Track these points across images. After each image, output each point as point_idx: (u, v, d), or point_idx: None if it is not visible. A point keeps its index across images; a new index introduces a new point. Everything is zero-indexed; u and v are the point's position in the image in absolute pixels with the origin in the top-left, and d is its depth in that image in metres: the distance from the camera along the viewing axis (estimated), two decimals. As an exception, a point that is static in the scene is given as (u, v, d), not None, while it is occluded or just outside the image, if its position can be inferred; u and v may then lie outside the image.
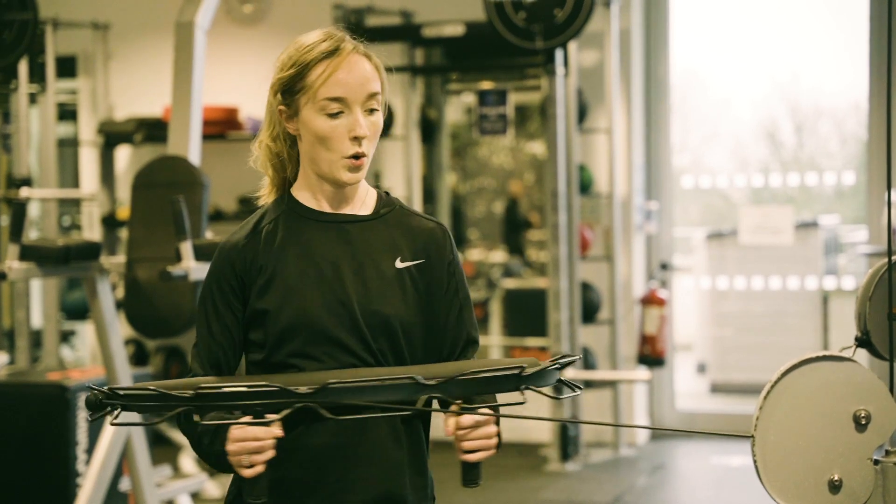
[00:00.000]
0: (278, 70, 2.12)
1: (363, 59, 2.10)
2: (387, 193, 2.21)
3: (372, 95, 2.09)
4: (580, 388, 2.04)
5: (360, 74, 2.08)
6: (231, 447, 1.93)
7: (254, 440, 1.91)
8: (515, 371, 1.98)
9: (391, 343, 2.09)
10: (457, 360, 2.15)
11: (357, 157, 2.08)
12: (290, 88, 2.10)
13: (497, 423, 2.04)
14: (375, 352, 2.08)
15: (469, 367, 2.00)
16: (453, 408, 2.00)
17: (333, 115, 2.07)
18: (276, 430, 1.92)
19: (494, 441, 2.04)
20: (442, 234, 2.17)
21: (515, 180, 8.66)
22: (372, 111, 2.10)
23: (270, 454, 1.92)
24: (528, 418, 1.94)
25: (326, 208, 2.14)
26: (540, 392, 2.03)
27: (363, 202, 2.16)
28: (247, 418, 1.92)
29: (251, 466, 1.92)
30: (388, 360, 2.09)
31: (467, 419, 1.98)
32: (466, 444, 2.01)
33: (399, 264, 2.12)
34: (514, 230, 8.42)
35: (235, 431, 1.92)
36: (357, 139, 2.08)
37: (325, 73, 2.06)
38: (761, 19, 9.41)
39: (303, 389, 1.88)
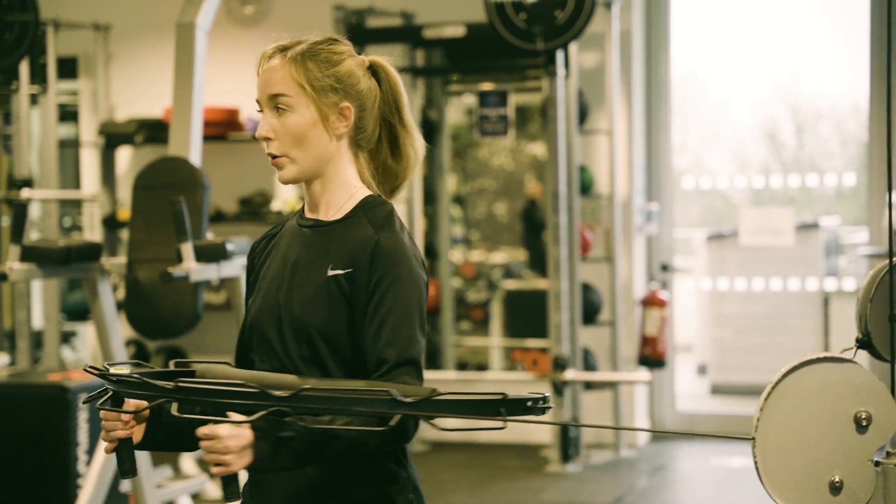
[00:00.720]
0: None
1: (279, 61, 2.11)
2: (373, 199, 2.15)
3: (273, 97, 2.10)
4: (545, 410, 1.97)
5: (266, 77, 2.11)
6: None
7: (105, 420, 2.00)
8: (498, 397, 1.88)
9: (311, 351, 2.06)
10: (374, 378, 2.01)
11: (271, 156, 2.12)
12: None
13: (256, 445, 1.92)
14: (295, 358, 2.07)
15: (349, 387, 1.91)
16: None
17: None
18: (125, 416, 2.00)
19: (227, 458, 1.90)
20: (370, 245, 2.06)
21: (533, 181, 8.65)
22: (281, 111, 2.10)
23: (119, 434, 2.00)
24: (531, 422, 1.92)
25: (308, 212, 2.18)
26: (515, 420, 1.92)
27: (339, 207, 2.14)
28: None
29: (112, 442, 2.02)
30: (307, 368, 2.06)
31: (200, 431, 1.91)
32: (205, 456, 1.94)
33: (330, 272, 2.08)
34: (532, 232, 8.40)
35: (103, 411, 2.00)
36: (261, 139, 2.12)
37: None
38: (761, 20, 9.42)
39: (278, 394, 1.85)
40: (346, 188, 2.15)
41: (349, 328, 2.05)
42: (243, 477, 2.02)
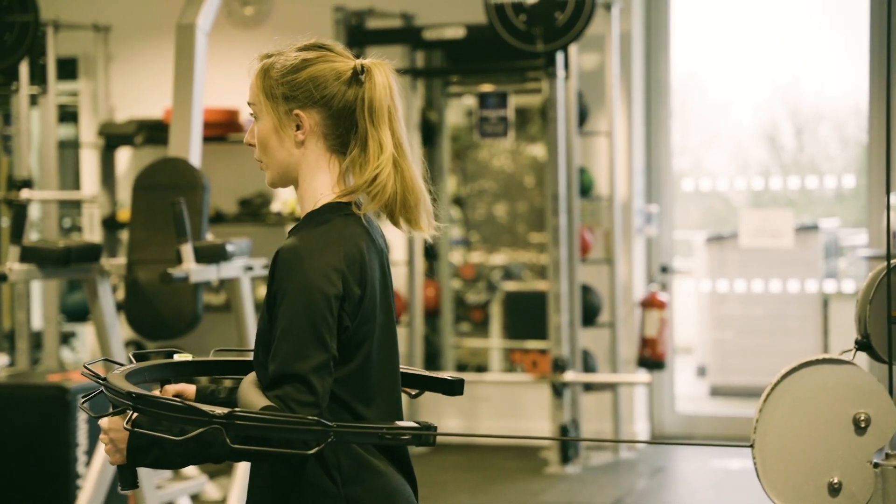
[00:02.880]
0: None
1: (255, 68, 2.16)
2: (325, 207, 2.11)
3: (249, 105, 2.16)
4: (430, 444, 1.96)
5: (249, 85, 2.18)
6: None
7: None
8: (378, 430, 1.93)
9: (264, 358, 2.04)
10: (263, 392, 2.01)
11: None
12: None
13: (130, 441, 1.98)
14: (255, 365, 2.10)
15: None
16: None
17: None
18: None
19: (109, 448, 2.02)
20: (275, 257, 2.03)
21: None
22: (253, 119, 2.17)
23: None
24: (527, 438, 1.93)
25: None
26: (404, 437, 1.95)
27: (304, 213, 2.14)
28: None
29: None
30: (262, 375, 2.06)
31: (102, 423, 2.03)
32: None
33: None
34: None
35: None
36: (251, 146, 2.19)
37: None
38: (761, 22, 9.42)
39: (217, 412, 1.88)
40: (313, 195, 2.13)
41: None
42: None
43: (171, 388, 2.20)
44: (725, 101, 10.52)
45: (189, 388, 2.22)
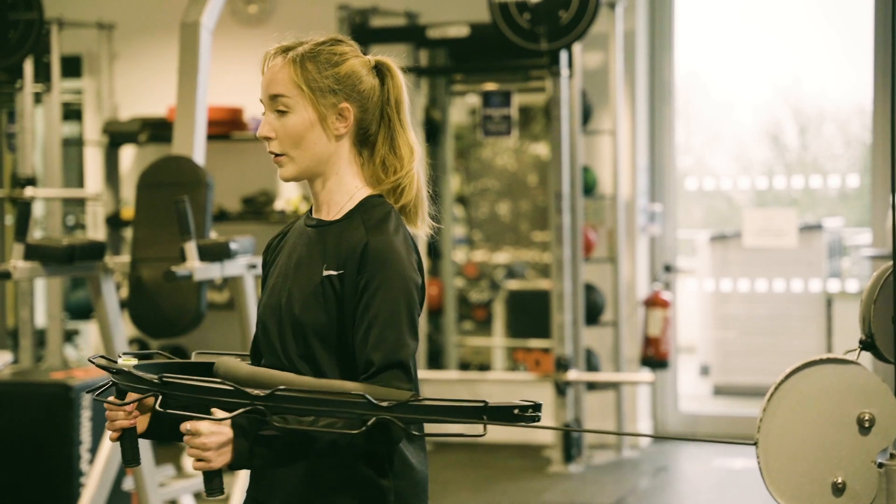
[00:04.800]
0: None
1: (280, 62, 2.13)
2: (372, 199, 2.15)
3: (273, 97, 2.12)
4: (536, 419, 1.94)
5: (268, 77, 2.13)
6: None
7: (108, 410, 2.07)
8: (479, 405, 1.90)
9: (307, 349, 2.08)
10: (361, 380, 2.02)
11: (273, 154, 2.14)
12: None
13: (237, 443, 1.95)
14: (293, 356, 2.09)
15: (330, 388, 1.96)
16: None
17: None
18: (129, 407, 2.05)
19: (208, 454, 1.93)
20: (361, 248, 2.06)
21: None
22: (280, 112, 2.12)
23: (122, 424, 2.06)
24: (532, 427, 1.92)
25: (313, 212, 2.21)
26: (501, 424, 1.93)
27: (340, 207, 2.15)
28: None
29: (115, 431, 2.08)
30: (306, 366, 2.08)
31: (182, 427, 1.94)
32: (187, 451, 1.97)
33: (325, 272, 2.10)
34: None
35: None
36: (262, 139, 2.15)
37: None
38: (765, 21, 9.41)
39: (257, 393, 1.90)
40: (346, 188, 2.16)
41: (340, 328, 2.07)
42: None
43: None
44: (728, 100, 10.51)
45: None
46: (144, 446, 4.60)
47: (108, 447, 4.45)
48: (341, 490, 2.06)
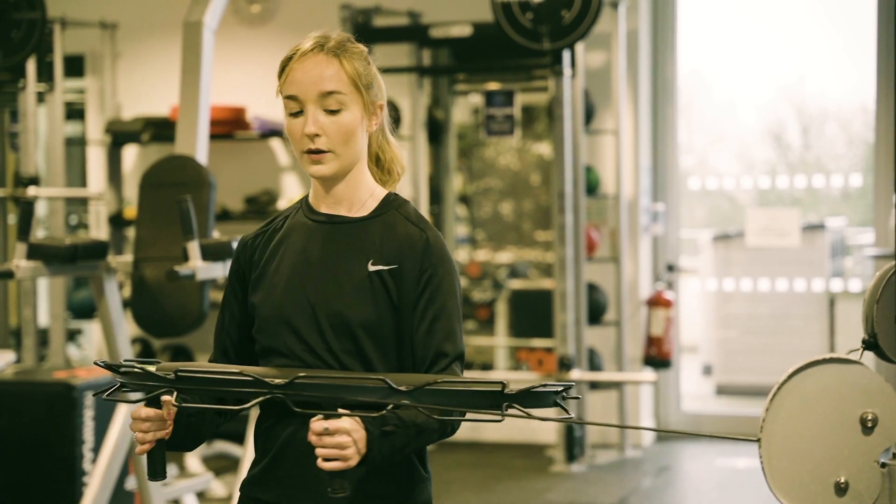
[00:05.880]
0: None
1: (325, 58, 2.10)
2: (395, 197, 2.19)
3: (327, 94, 2.09)
4: (569, 414, 1.96)
5: (315, 73, 2.09)
6: (130, 425, 2.01)
7: (139, 419, 1.99)
8: (496, 388, 1.90)
9: (354, 345, 2.08)
10: (426, 372, 2.06)
11: (312, 152, 2.11)
12: (280, 90, 2.16)
13: (368, 439, 1.91)
14: (337, 353, 2.08)
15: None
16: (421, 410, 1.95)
17: (293, 115, 2.12)
18: (163, 412, 1.99)
19: (346, 452, 1.88)
20: (420, 242, 2.10)
21: None
22: (333, 111, 2.10)
23: (156, 435, 1.99)
24: (533, 418, 1.92)
25: (323, 208, 2.18)
26: (525, 413, 1.91)
27: (362, 204, 2.16)
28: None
29: (144, 444, 2.00)
30: (353, 362, 2.08)
31: (317, 426, 1.88)
32: (318, 451, 1.89)
33: (371, 267, 2.10)
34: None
35: (133, 410, 1.99)
36: (309, 136, 2.10)
37: (286, 73, 2.13)
38: (767, 21, 9.41)
39: (277, 381, 1.89)
40: (366, 184, 2.18)
41: (392, 322, 2.09)
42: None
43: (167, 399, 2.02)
44: (731, 100, 10.51)
45: None
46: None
47: (111, 446, 4.45)
48: (392, 481, 2.09)
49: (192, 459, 6.08)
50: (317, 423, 1.88)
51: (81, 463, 4.87)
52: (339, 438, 1.88)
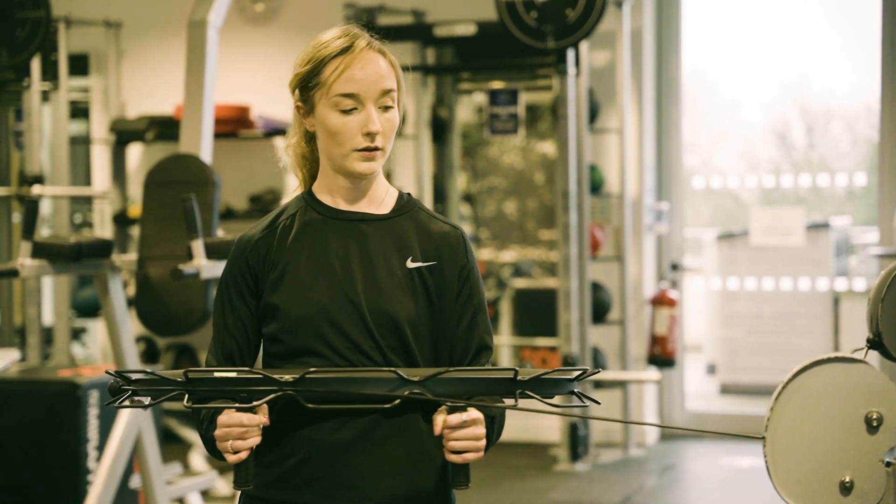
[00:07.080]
0: (296, 66, 2.15)
1: (378, 55, 2.11)
2: (408, 195, 2.21)
3: (385, 92, 2.10)
4: (587, 401, 2.00)
5: (374, 71, 2.09)
6: (218, 432, 1.97)
7: (238, 426, 1.94)
8: (509, 374, 1.96)
9: (400, 342, 2.09)
10: (469, 365, 2.11)
11: (369, 149, 2.10)
12: (306, 85, 2.13)
13: (490, 427, 2.04)
14: (384, 349, 2.08)
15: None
16: (442, 406, 1.99)
17: (346, 112, 2.09)
18: (262, 418, 1.95)
19: (481, 443, 2.00)
20: (456, 239, 2.16)
21: None
22: (386, 108, 2.11)
23: (254, 441, 1.95)
24: (538, 411, 1.94)
25: (343, 206, 2.16)
26: (540, 400, 1.98)
27: (381, 201, 2.17)
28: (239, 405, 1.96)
29: (236, 452, 1.95)
30: (398, 358, 2.08)
31: (454, 419, 1.95)
32: (452, 444, 1.96)
33: (410, 264, 2.11)
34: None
35: (223, 417, 1.96)
36: (370, 135, 2.09)
37: (339, 70, 2.08)
38: (772, 19, 9.40)
39: (286, 378, 1.90)
40: (384, 181, 2.20)
41: (429, 317, 2.12)
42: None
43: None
44: (735, 98, 10.50)
45: None
46: (153, 444, 4.60)
47: (116, 445, 4.45)
48: (440, 473, 2.12)
49: (197, 458, 6.08)
50: (454, 417, 1.95)
51: (86, 461, 4.88)
52: (476, 430, 1.97)
